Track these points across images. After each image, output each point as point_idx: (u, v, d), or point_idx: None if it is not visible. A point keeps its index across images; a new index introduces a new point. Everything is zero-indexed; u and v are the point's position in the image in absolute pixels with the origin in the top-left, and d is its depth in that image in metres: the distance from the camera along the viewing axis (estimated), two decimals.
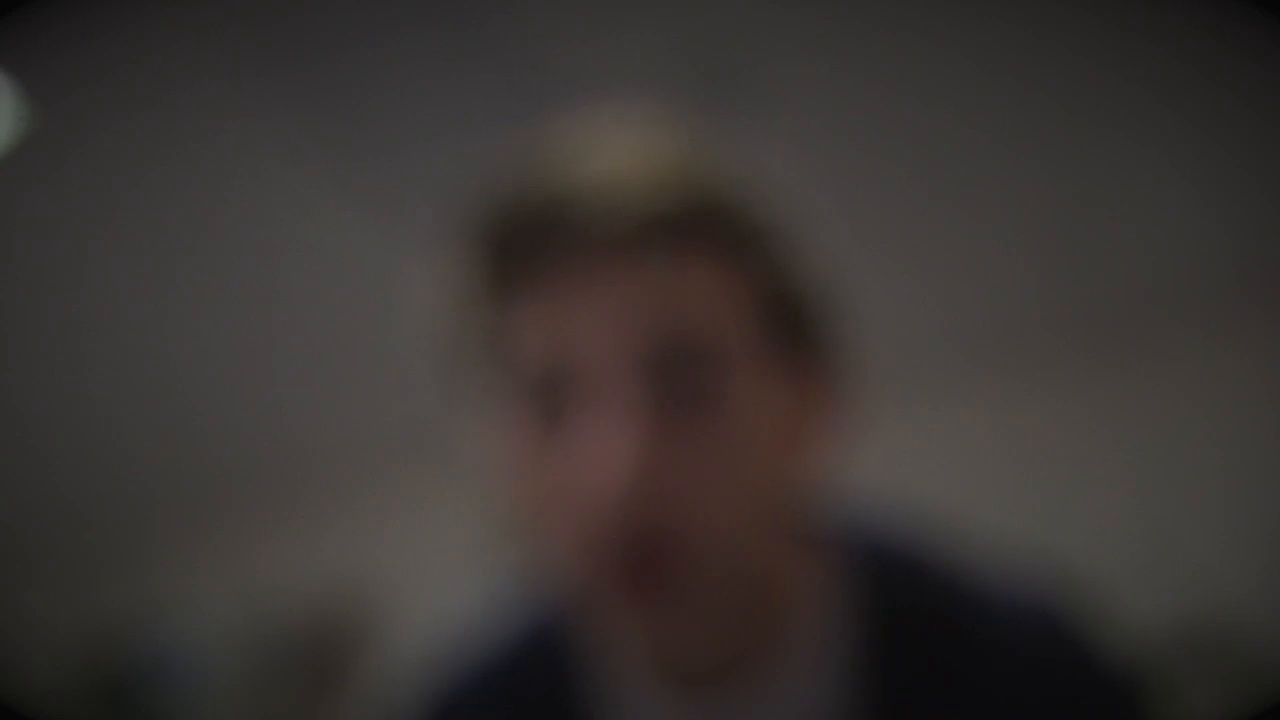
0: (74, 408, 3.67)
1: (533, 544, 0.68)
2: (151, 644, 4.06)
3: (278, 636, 3.92)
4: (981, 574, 0.77)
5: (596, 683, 0.76)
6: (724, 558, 0.65)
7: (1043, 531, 3.06)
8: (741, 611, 0.70)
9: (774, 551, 0.71)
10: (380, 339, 3.19)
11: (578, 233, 0.63)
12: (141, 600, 4.15)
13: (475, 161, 0.70)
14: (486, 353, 0.67)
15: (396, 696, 0.81)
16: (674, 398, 0.64)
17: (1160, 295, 3.45)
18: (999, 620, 0.74)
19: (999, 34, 2.59)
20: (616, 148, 0.67)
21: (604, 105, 0.72)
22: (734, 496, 0.65)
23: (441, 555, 3.72)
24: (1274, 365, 3.40)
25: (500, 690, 0.78)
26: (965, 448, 3.64)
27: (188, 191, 3.10)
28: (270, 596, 3.99)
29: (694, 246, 0.64)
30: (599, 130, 0.69)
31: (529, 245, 0.64)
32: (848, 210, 2.92)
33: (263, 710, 3.84)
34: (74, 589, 4.15)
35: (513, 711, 0.77)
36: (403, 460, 3.90)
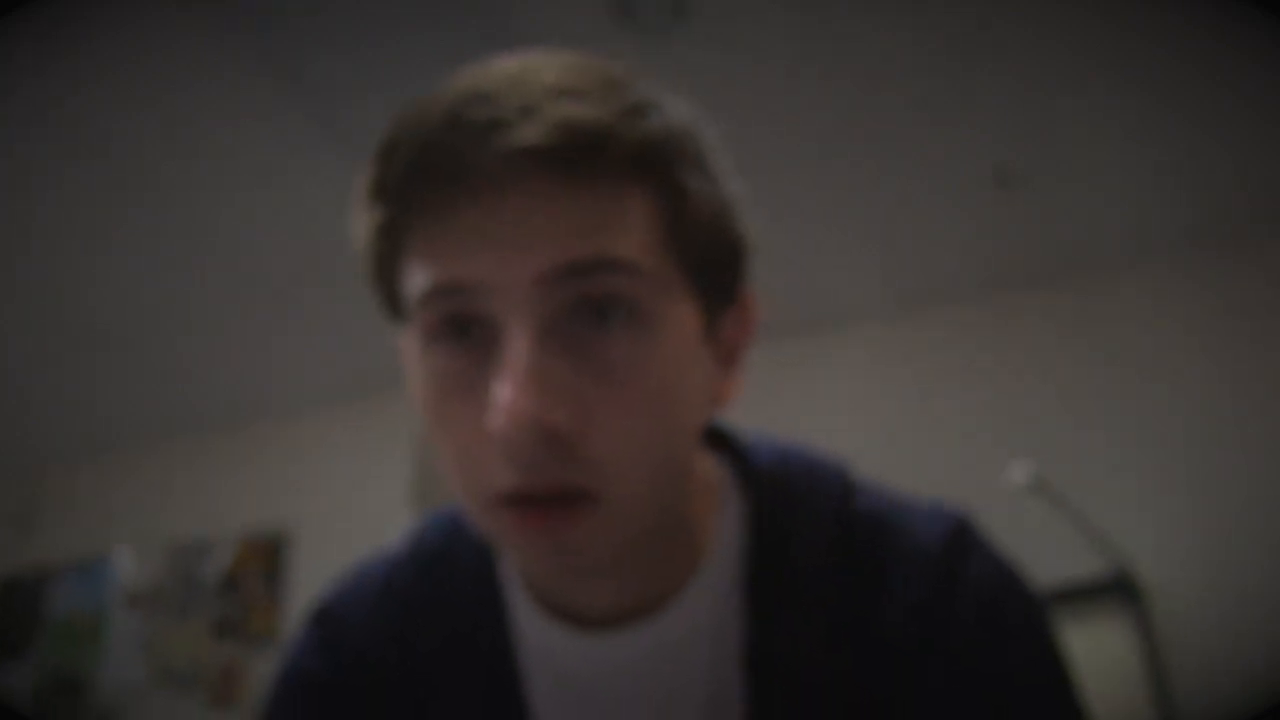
0: None
1: (446, 471, 0.66)
2: (72, 582, 4.11)
3: (200, 571, 3.97)
4: (887, 493, 0.77)
5: (497, 604, 0.75)
6: (632, 489, 0.62)
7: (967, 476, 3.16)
8: (648, 546, 0.68)
9: (680, 484, 0.69)
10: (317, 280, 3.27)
11: (482, 149, 0.59)
12: (61, 542, 4.21)
13: None
14: (396, 278, 0.65)
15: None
16: (582, 318, 0.61)
17: (1104, 250, 3.55)
18: (907, 527, 0.73)
19: None
20: (525, 62, 0.65)
21: None
22: (644, 423, 0.62)
23: (367, 489, 3.83)
24: (1205, 316, 3.48)
25: (398, 595, 0.77)
26: (888, 389, 3.74)
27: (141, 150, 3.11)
28: (194, 532, 4.04)
29: (604, 163, 0.61)
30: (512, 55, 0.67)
31: (431, 164, 0.60)
32: (776, 143, 2.95)
33: (178, 645, 3.88)
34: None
35: (407, 615, 0.76)
36: (332, 397, 3.97)
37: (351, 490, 3.89)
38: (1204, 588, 3.37)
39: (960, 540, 0.73)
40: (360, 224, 0.66)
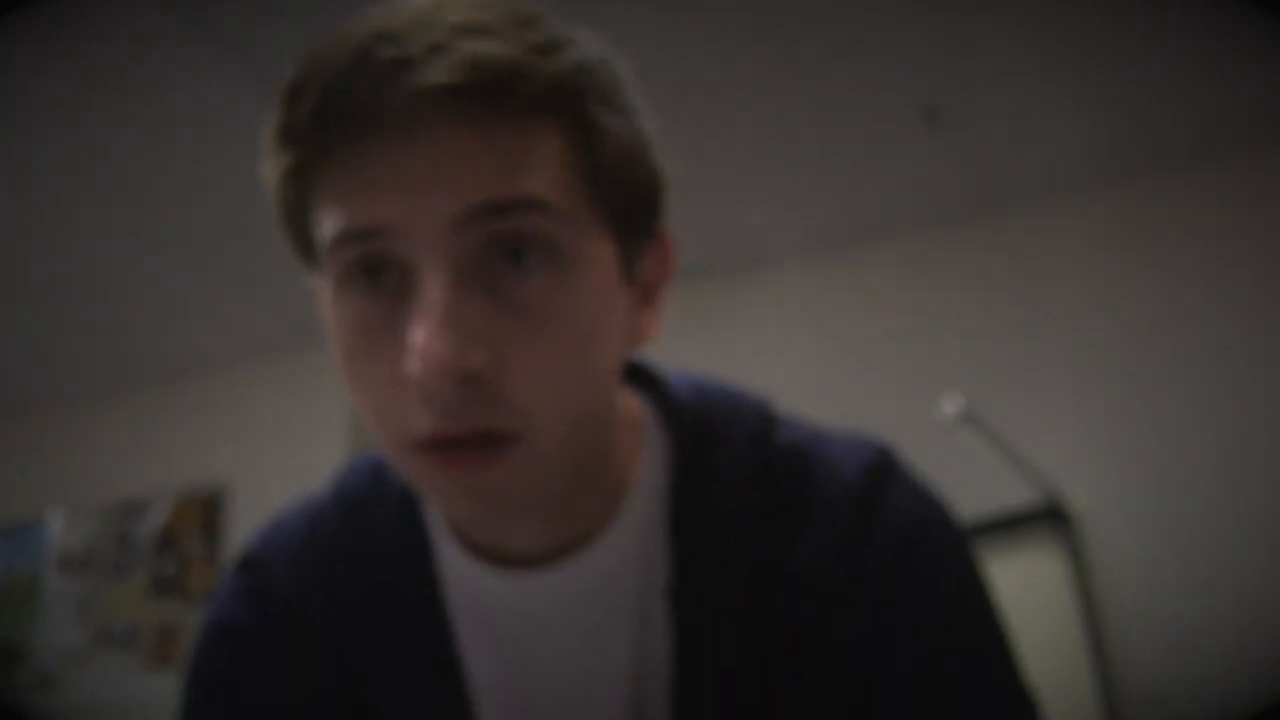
0: None
1: (365, 418, 0.65)
2: (4, 548, 4.08)
3: (136, 530, 3.94)
4: (808, 426, 0.77)
5: (422, 548, 0.75)
6: (553, 430, 0.62)
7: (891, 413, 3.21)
8: (570, 486, 0.68)
9: (602, 423, 0.69)
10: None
11: (390, 89, 0.58)
12: None
13: None
14: (307, 224, 0.64)
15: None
16: (497, 259, 0.60)
17: (1031, 186, 3.61)
18: (827, 460, 0.73)
19: None
20: (434, 0, 0.63)
21: None
22: (563, 362, 0.62)
23: (305, 442, 3.81)
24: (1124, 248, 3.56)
25: (322, 541, 0.77)
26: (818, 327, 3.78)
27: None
28: (128, 491, 4.00)
29: (515, 101, 0.59)
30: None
31: (339, 107, 0.59)
32: (705, 82, 2.94)
33: (116, 606, 3.86)
34: None
35: (331, 561, 0.76)
36: (267, 350, 3.94)
37: (289, 444, 3.86)
38: (1132, 514, 3.45)
39: (880, 472, 0.73)
40: (268, 169, 0.65)
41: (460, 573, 0.73)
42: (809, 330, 3.80)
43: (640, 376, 0.79)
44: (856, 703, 0.70)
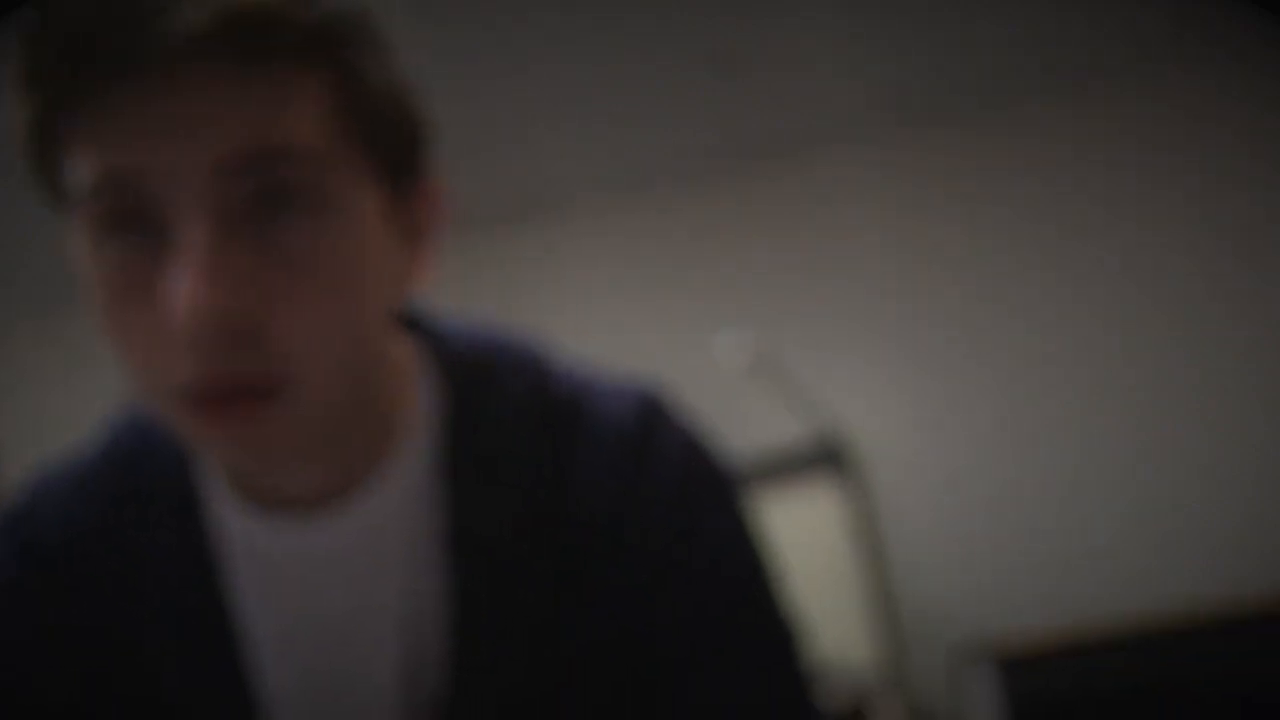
0: None
1: (128, 372, 0.63)
2: None
3: None
4: (581, 371, 0.78)
5: (193, 497, 0.73)
6: (321, 377, 0.62)
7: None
8: (340, 432, 0.67)
9: (372, 369, 0.69)
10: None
11: (143, 34, 0.56)
12: None
13: None
14: (59, 172, 0.61)
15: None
16: (259, 206, 0.59)
17: (819, 131, 3.71)
18: (599, 405, 0.74)
19: None
20: None
21: None
22: (330, 309, 0.61)
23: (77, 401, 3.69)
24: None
25: (91, 494, 0.75)
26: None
27: None
28: None
29: (275, 47, 0.58)
30: None
31: (89, 51, 0.56)
32: (498, 31, 2.93)
33: None
34: None
35: (101, 514, 0.74)
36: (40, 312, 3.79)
37: (62, 403, 3.69)
38: (911, 453, 3.61)
39: (651, 416, 0.75)
40: (13, 115, 0.62)
41: (235, 522, 0.72)
42: (601, 274, 3.83)
43: (415, 323, 0.79)
44: (630, 644, 0.72)
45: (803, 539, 2.98)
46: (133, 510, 0.74)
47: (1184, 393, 3.55)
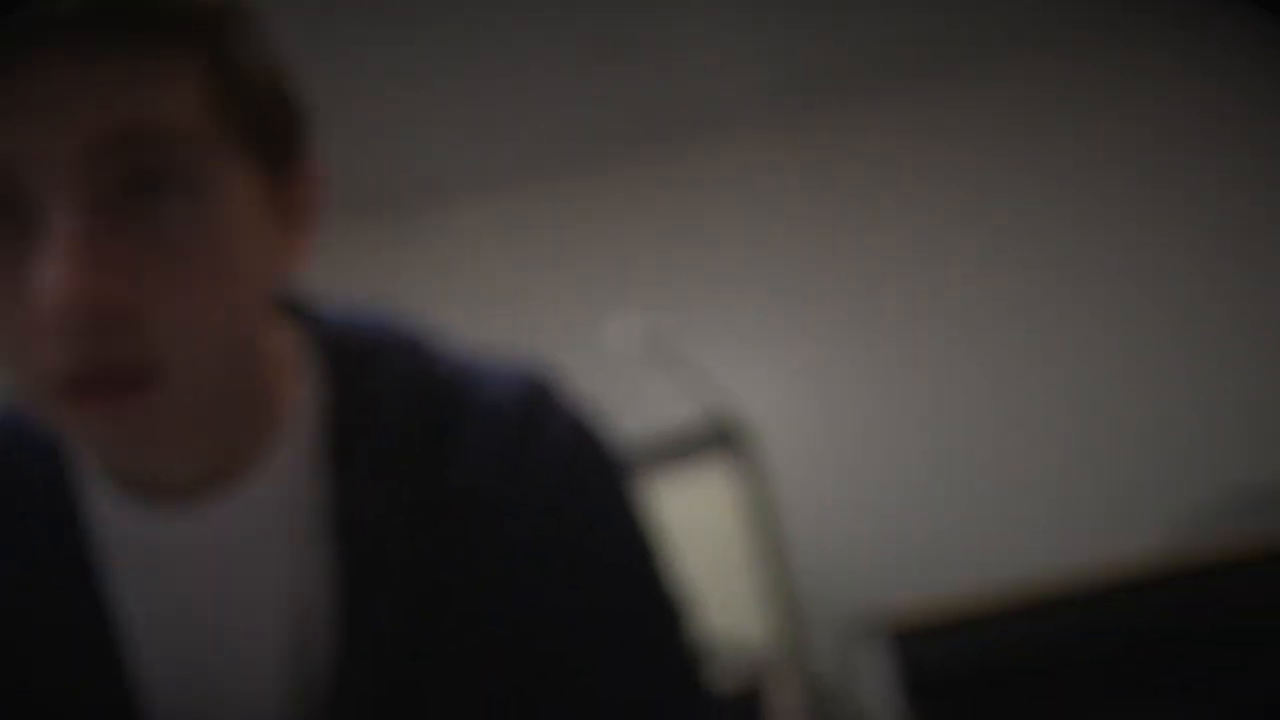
0: None
1: (2, 361, 0.61)
2: None
3: None
4: (465, 356, 0.77)
5: (68, 488, 0.72)
6: (196, 363, 0.61)
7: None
8: (218, 419, 0.67)
9: (249, 355, 0.68)
10: None
11: (10, 10, 0.55)
12: None
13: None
14: None
15: None
16: (132, 190, 0.58)
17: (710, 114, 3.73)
18: (484, 389, 0.74)
19: None
20: None
21: None
22: (205, 293, 0.60)
23: None
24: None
25: None
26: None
27: None
28: None
29: (149, 30, 0.57)
30: None
31: None
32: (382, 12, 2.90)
33: None
34: None
35: None
36: None
37: None
38: (803, 432, 3.66)
39: (536, 397, 0.74)
40: None
41: (111, 513, 0.71)
42: (489, 259, 3.81)
43: (297, 309, 0.78)
44: (517, 627, 0.71)
45: (697, 520, 2.99)
46: (3, 505, 0.72)
47: (1058, 352, 3.60)
